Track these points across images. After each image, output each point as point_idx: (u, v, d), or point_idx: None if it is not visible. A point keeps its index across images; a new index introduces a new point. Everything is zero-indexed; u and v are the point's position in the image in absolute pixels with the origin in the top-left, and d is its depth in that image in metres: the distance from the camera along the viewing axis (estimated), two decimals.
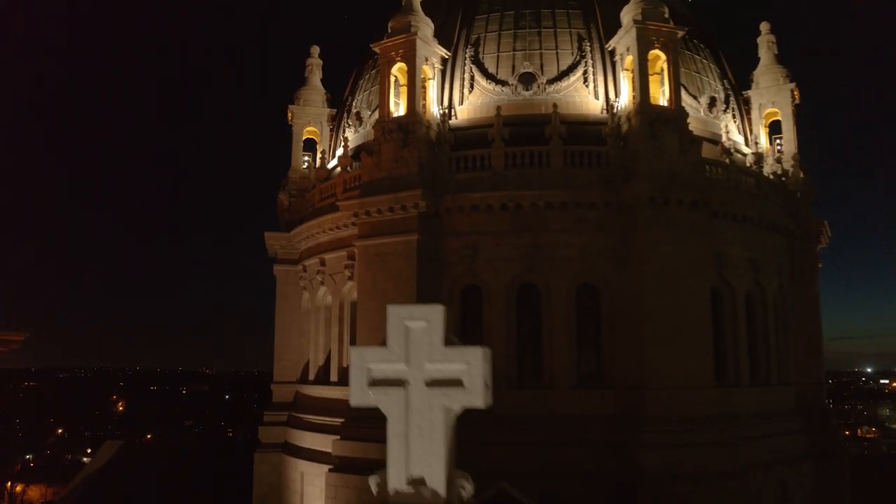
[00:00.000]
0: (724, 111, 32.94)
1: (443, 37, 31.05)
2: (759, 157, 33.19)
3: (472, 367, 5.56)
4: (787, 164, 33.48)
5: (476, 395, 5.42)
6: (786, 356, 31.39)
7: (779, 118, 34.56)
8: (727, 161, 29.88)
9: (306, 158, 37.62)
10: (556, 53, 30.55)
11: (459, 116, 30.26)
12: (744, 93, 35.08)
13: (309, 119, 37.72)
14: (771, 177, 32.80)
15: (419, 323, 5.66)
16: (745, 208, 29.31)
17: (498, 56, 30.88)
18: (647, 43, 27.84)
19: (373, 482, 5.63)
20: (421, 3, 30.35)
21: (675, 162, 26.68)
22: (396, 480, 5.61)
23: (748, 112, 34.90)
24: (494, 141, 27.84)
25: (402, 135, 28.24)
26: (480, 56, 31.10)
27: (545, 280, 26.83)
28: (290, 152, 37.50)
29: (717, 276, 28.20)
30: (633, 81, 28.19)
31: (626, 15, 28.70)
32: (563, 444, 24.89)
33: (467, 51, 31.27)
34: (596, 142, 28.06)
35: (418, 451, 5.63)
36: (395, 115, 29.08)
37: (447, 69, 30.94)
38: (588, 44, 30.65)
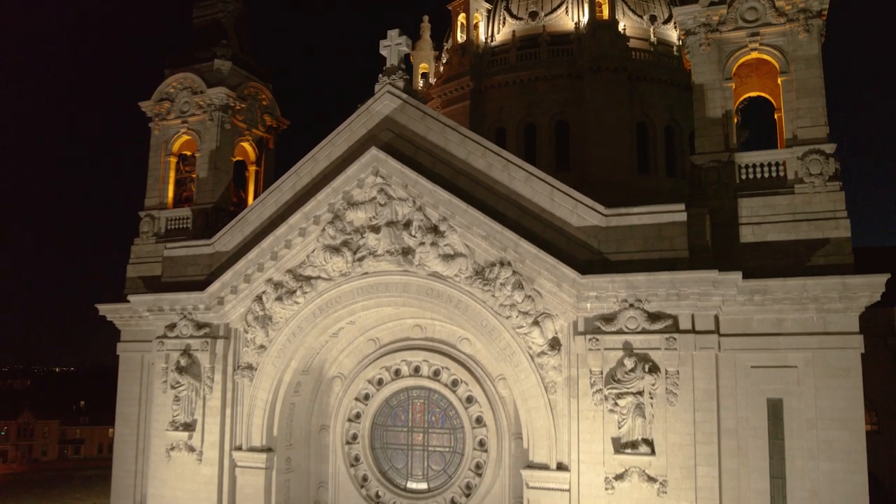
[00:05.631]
0: (664, 24, 53.66)
1: None
2: None
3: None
4: None
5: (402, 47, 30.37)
6: None
7: None
8: (651, 49, 50.81)
9: (421, 83, 62.36)
10: None
11: (497, 39, 53.50)
12: None
13: (422, 59, 62.31)
14: None
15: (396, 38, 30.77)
16: (662, 75, 50.07)
17: (518, 4, 53.84)
18: None
19: None
20: None
21: (607, 48, 48.37)
22: None
23: None
24: (510, 49, 51.06)
25: (462, 51, 52.23)
26: (510, 5, 54.19)
27: (537, 119, 49.60)
28: (411, 79, 62.27)
29: (641, 114, 49.39)
30: (588, 9, 50.14)
31: None
32: None
33: (502, 3, 54.47)
34: (568, 43, 50.36)
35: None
36: (460, 41, 53.02)
37: (491, 14, 54.34)
38: None
